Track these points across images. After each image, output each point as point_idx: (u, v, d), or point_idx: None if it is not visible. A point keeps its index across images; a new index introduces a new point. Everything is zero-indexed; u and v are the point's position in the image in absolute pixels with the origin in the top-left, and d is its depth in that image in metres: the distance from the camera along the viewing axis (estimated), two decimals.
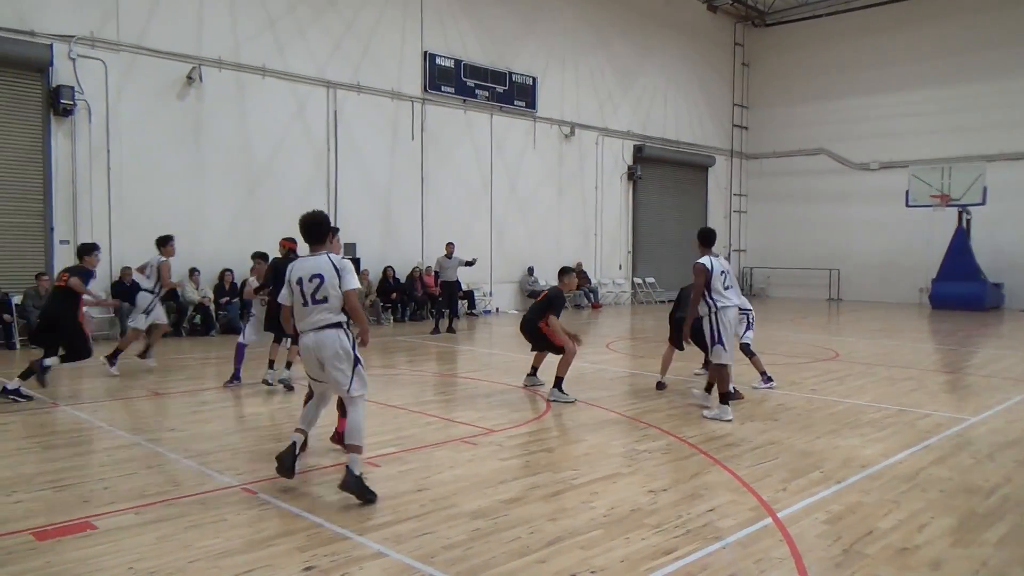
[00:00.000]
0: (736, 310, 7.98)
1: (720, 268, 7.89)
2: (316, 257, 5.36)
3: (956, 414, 8.28)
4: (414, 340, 14.59)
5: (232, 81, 15.60)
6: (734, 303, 7.91)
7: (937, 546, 4.53)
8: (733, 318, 7.89)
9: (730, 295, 7.88)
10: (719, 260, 8.02)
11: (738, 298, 8.14)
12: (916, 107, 25.15)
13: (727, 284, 7.89)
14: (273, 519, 4.84)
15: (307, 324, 5.34)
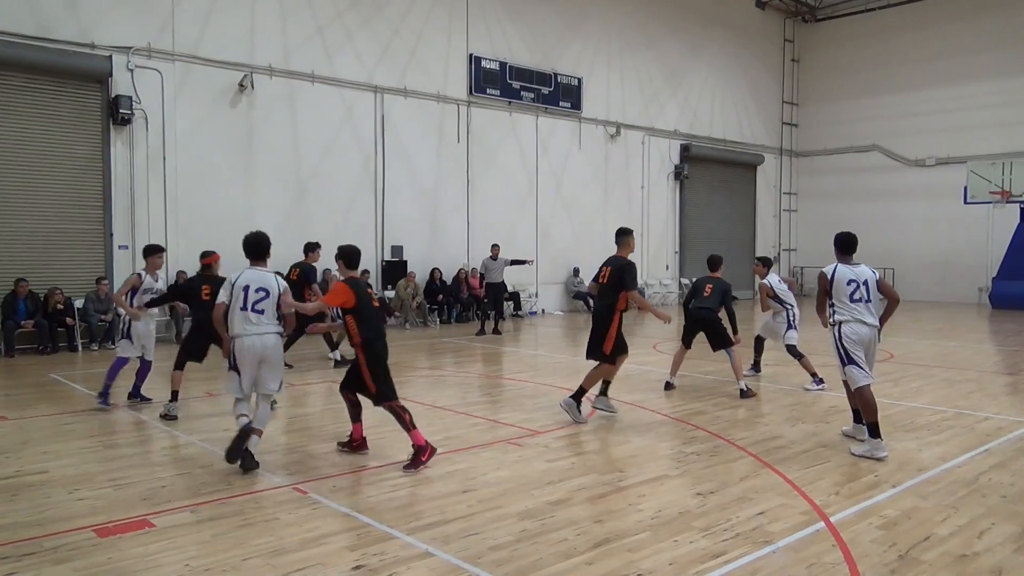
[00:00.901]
0: (862, 326, 6.56)
1: (850, 276, 6.65)
2: (264, 273, 6.25)
3: (1018, 417, 8.02)
4: (460, 342, 14.68)
5: (282, 88, 15.92)
6: (856, 318, 6.57)
7: (998, 553, 4.39)
8: (856, 334, 6.57)
9: (857, 308, 6.57)
10: (851, 268, 6.73)
11: (871, 316, 6.62)
12: (973, 101, 24.38)
13: (856, 296, 6.59)
14: (324, 518, 4.92)
15: (251, 329, 6.05)
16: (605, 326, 7.54)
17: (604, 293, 7.63)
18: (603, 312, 7.60)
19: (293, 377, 10.40)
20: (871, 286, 6.63)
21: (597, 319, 7.69)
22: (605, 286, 7.62)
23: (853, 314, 6.56)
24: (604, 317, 7.57)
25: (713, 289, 9.44)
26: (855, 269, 6.70)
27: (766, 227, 28.39)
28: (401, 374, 10.94)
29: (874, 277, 6.69)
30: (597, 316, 7.71)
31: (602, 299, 7.66)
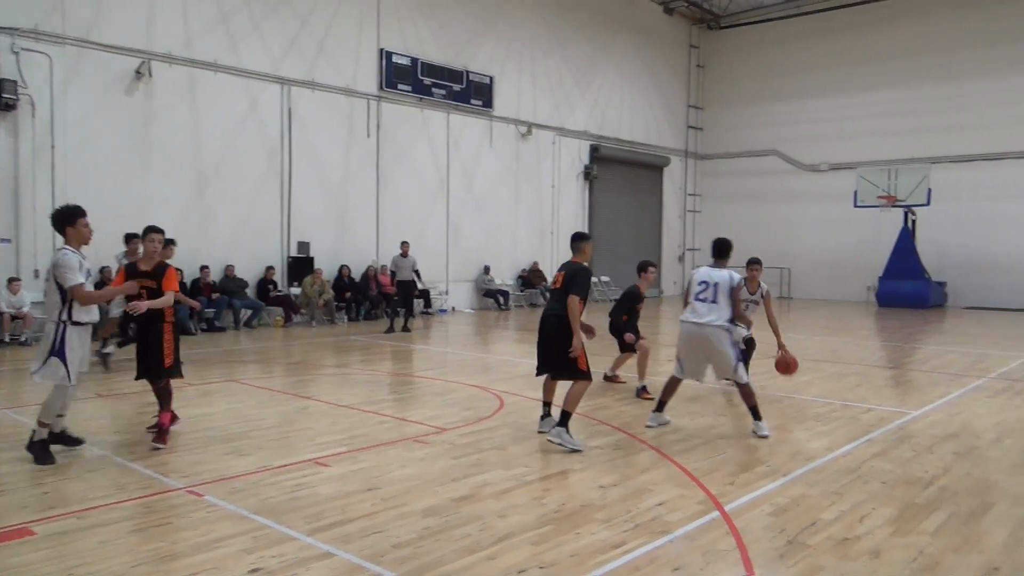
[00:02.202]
0: (687, 324, 7.14)
1: (703, 279, 7.17)
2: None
3: (898, 408, 8.52)
4: (369, 339, 14.49)
5: (183, 76, 15.31)
6: (686, 318, 7.15)
7: (877, 536, 4.65)
8: (683, 332, 7.19)
9: (696, 307, 7.08)
10: (710, 271, 7.23)
11: (706, 315, 7.03)
12: (864, 110, 25.76)
13: (701, 297, 7.08)
14: (219, 521, 4.77)
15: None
16: (567, 338, 6.56)
17: (559, 298, 6.74)
18: (558, 323, 6.65)
19: (191, 376, 10.03)
20: (722, 289, 7.06)
21: (552, 330, 6.72)
22: (559, 291, 6.78)
23: (687, 313, 7.23)
24: (562, 328, 6.60)
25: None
26: (712, 272, 7.20)
27: (672, 227, 29.21)
28: (306, 372, 10.73)
29: (729, 284, 7.06)
30: (551, 327, 6.73)
31: (558, 304, 6.74)
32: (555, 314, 6.75)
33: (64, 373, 5.92)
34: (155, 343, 6.60)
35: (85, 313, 6.08)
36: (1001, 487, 5.67)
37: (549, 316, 6.84)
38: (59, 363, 5.91)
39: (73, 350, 5.96)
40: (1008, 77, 23.08)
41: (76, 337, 6.01)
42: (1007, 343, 14.72)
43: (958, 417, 8.07)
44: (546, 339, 6.82)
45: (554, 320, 6.74)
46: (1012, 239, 23.16)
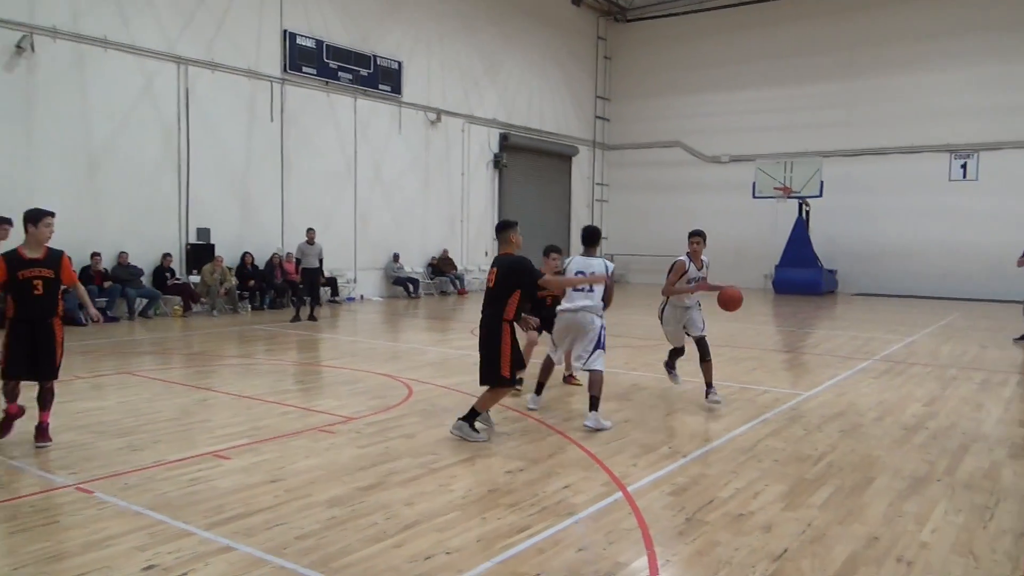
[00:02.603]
0: (564, 313, 7.19)
1: (580, 268, 7.28)
2: None
3: (791, 390, 8.94)
4: (273, 329, 14.13)
5: (70, 53, 14.43)
6: (566, 307, 7.18)
7: (769, 511, 4.87)
8: (560, 319, 7.25)
9: (573, 295, 7.15)
10: (586, 260, 7.37)
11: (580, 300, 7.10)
12: (762, 104, 26.76)
13: (580, 287, 7.14)
14: (111, 518, 4.56)
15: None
16: (496, 342, 6.26)
17: (492, 299, 6.35)
18: (491, 324, 6.31)
19: (81, 369, 9.55)
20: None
21: (485, 334, 6.39)
22: (493, 290, 6.36)
23: (564, 302, 7.25)
24: (492, 330, 6.30)
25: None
26: (588, 261, 7.35)
27: (580, 216, 29.61)
28: (207, 363, 10.37)
29: (605, 271, 7.22)
30: (484, 330, 6.40)
31: (489, 307, 6.36)
32: (484, 314, 6.36)
33: None
34: (47, 341, 6.02)
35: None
36: (882, 462, 6.03)
37: (481, 317, 6.43)
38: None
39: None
40: (895, 76, 24.40)
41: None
42: (891, 327, 15.64)
43: (844, 397, 8.53)
44: (482, 342, 6.39)
45: (483, 320, 6.34)
46: (897, 229, 24.57)
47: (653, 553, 4.18)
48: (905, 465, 5.94)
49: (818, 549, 4.27)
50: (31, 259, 5.96)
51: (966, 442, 6.68)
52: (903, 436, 6.86)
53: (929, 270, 23.95)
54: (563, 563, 4.03)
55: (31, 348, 5.97)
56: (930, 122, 23.88)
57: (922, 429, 7.13)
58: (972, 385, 9.40)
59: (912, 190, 24.24)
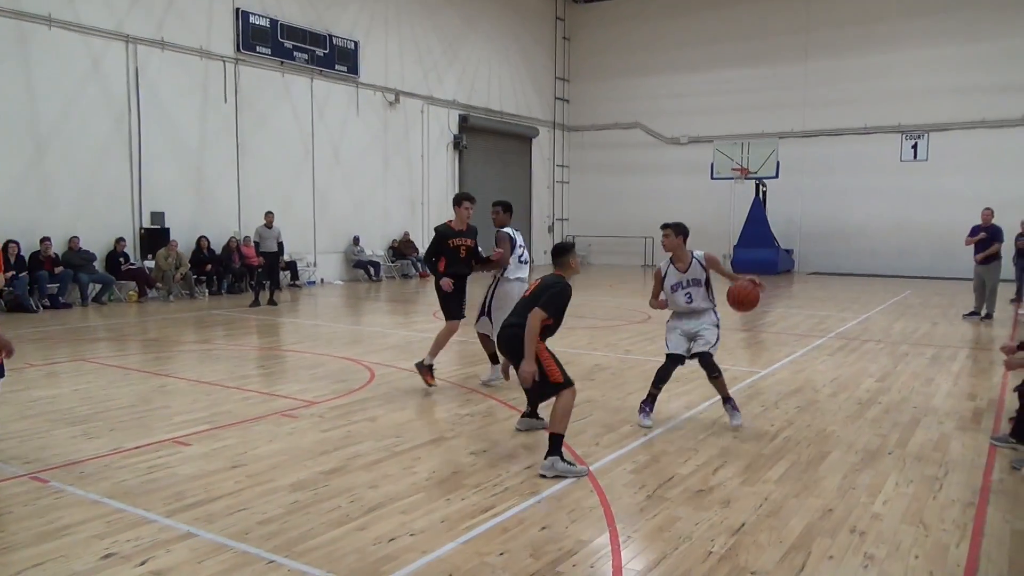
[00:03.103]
0: (506, 282, 8.07)
1: (520, 240, 8.15)
2: None
3: (749, 367, 9.09)
4: (232, 314, 13.92)
5: (11, 30, 13.94)
6: (508, 276, 8.07)
7: (728, 486, 4.97)
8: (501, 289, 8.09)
9: (517, 267, 8.13)
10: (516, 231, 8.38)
11: (520, 272, 8.16)
12: (720, 86, 26.98)
13: (524, 259, 8.19)
14: (68, 508, 4.47)
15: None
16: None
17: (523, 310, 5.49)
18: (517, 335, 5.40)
19: (33, 356, 9.32)
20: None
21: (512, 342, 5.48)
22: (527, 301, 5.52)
23: (508, 272, 7.95)
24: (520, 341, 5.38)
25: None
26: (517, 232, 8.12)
27: (541, 198, 29.64)
28: (164, 349, 10.20)
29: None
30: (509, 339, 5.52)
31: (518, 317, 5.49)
32: (512, 325, 5.54)
33: None
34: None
35: None
36: (836, 436, 6.18)
37: (507, 328, 5.64)
38: None
39: None
40: (848, 57, 24.77)
41: None
42: (845, 305, 15.98)
43: (801, 374, 8.71)
44: (514, 358, 5.51)
45: (513, 332, 5.48)
46: (851, 209, 25.06)
47: (615, 530, 4.24)
48: (859, 439, 6.10)
49: (775, 522, 4.37)
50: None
51: (917, 415, 6.88)
52: (857, 411, 7.04)
53: (882, 249, 24.50)
54: (527, 541, 4.07)
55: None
56: (882, 103, 24.33)
57: (875, 404, 7.33)
58: (923, 360, 9.67)
59: (865, 170, 24.73)
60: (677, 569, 3.77)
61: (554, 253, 5.78)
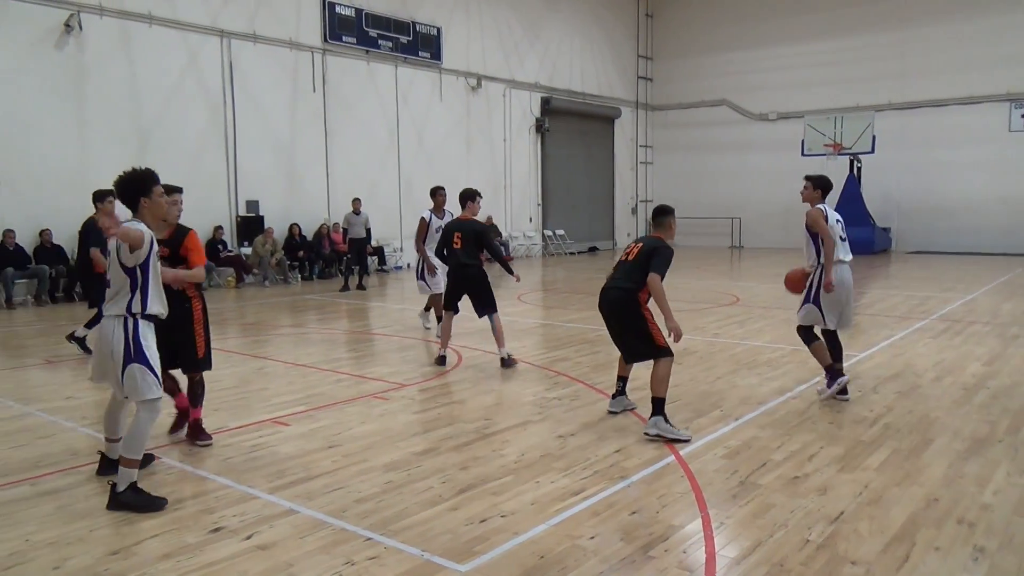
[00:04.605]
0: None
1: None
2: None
3: (846, 351, 8.76)
4: (323, 298, 14.36)
5: (116, 29, 14.67)
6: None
7: (825, 473, 4.83)
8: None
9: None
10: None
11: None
12: (811, 58, 25.96)
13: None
14: (179, 483, 4.73)
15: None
16: (641, 316, 5.68)
17: (627, 273, 5.76)
18: (629, 300, 5.70)
19: None
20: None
21: (618, 307, 5.76)
22: (630, 264, 5.78)
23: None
24: (632, 306, 5.69)
25: (463, 237, 8.13)
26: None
27: (624, 179, 29.30)
28: (261, 333, 10.61)
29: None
30: (616, 302, 5.78)
31: (625, 281, 5.74)
32: (619, 287, 5.74)
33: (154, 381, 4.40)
34: (185, 328, 5.28)
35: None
36: (941, 423, 5.91)
37: (612, 290, 5.81)
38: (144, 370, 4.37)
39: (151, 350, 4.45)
40: (952, 23, 23.43)
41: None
42: (949, 285, 15.23)
43: (901, 358, 8.36)
44: (615, 319, 5.81)
45: (619, 295, 5.73)
46: (954, 184, 23.79)
47: (707, 516, 4.18)
48: (965, 426, 5.82)
49: (875, 511, 4.23)
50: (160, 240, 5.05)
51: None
52: (963, 396, 6.72)
53: (988, 225, 23.19)
54: (617, 526, 4.07)
55: (168, 335, 5.02)
56: (989, 70, 22.92)
57: (983, 389, 6.97)
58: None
59: (970, 142, 23.40)
60: (773, 557, 3.70)
61: (655, 214, 6.00)
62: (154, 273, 4.45)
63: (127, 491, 4.30)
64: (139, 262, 4.38)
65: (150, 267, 4.42)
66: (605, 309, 5.88)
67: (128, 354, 4.31)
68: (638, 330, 5.69)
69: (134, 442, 4.31)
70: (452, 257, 8.18)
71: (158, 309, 4.47)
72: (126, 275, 4.37)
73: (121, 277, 4.38)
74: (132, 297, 4.36)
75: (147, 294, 4.39)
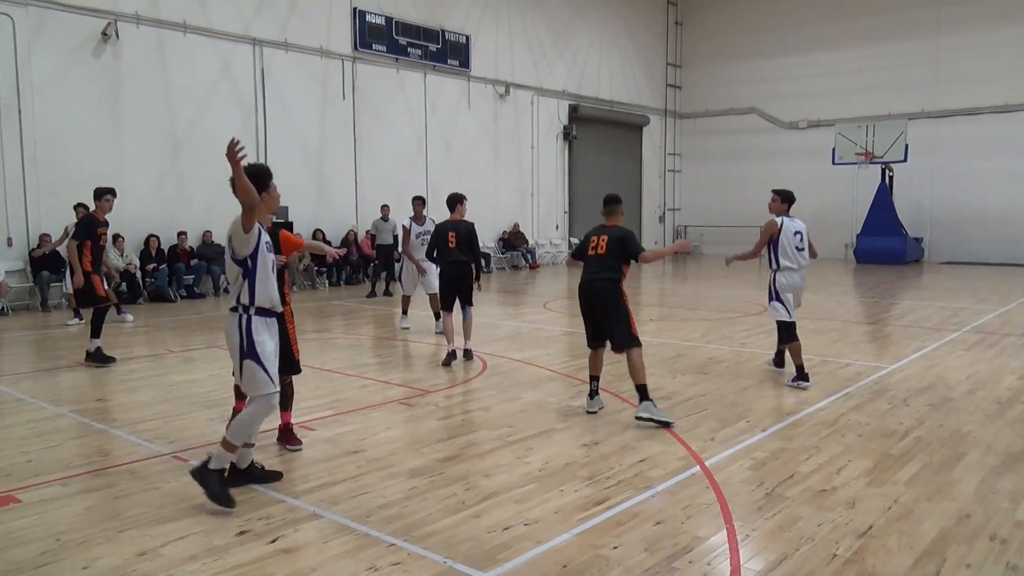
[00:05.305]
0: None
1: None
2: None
3: (875, 363, 8.66)
4: (350, 304, 14.46)
5: (151, 38, 14.95)
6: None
7: (853, 487, 4.76)
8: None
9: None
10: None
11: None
12: (842, 66, 25.70)
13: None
14: None
15: None
16: (625, 305, 6.28)
17: (608, 264, 6.31)
18: (614, 290, 6.26)
19: (173, 343, 10.00)
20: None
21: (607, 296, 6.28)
22: (605, 257, 6.32)
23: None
24: (616, 296, 6.26)
25: (457, 236, 8.64)
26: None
27: (652, 187, 29.19)
28: None
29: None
30: (604, 293, 6.29)
31: (607, 272, 6.28)
32: (606, 279, 6.24)
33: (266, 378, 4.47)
34: (282, 330, 5.00)
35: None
36: (973, 437, 5.80)
37: (596, 281, 6.28)
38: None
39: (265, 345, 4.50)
40: (985, 31, 23.08)
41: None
42: (983, 297, 14.96)
43: (933, 370, 8.22)
44: (600, 307, 6.29)
45: (604, 285, 6.24)
46: (988, 194, 23.39)
47: (732, 528, 4.14)
48: (999, 440, 5.71)
49: (905, 526, 4.16)
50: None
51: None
52: (997, 410, 6.59)
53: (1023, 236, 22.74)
54: (641, 536, 4.04)
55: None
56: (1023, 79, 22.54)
57: (1018, 403, 6.83)
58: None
59: (1005, 152, 23.00)
60: (799, 571, 3.65)
61: (611, 202, 6.62)
62: (263, 265, 4.49)
63: (215, 472, 4.37)
64: (248, 252, 4.43)
65: (259, 259, 4.47)
66: (594, 300, 6.36)
67: (242, 349, 4.44)
68: (624, 317, 6.26)
69: (240, 429, 4.45)
70: (446, 255, 8.70)
71: (269, 303, 4.51)
72: (237, 266, 4.47)
73: (234, 269, 4.49)
74: (241, 289, 4.46)
75: (254, 286, 4.45)
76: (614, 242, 6.34)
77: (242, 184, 4.24)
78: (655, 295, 17.20)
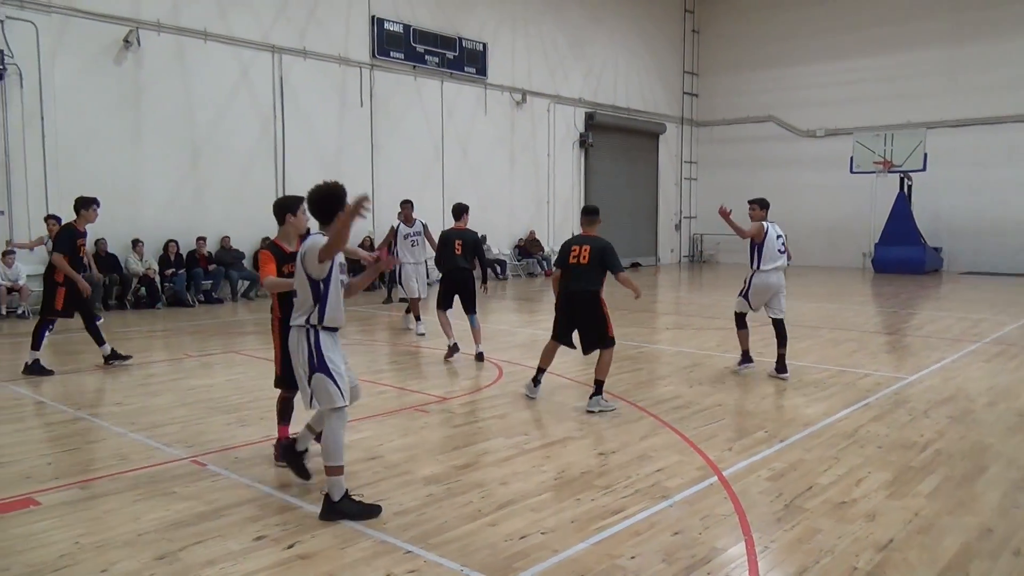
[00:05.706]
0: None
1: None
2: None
3: (895, 373, 8.58)
4: (366, 310, 14.50)
5: (172, 45, 15.10)
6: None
7: (873, 499, 4.71)
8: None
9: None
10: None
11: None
12: (860, 75, 25.54)
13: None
14: (223, 490, 4.81)
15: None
16: (603, 310, 6.87)
17: (589, 276, 6.83)
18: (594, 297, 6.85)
19: (191, 348, 10.06)
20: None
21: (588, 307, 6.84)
22: (587, 267, 6.83)
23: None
24: (596, 302, 6.85)
25: (463, 244, 9.20)
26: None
27: (668, 195, 29.11)
28: None
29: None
30: (585, 303, 6.84)
31: (586, 282, 6.83)
32: (588, 290, 6.83)
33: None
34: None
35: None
36: (995, 450, 5.73)
37: (581, 293, 6.84)
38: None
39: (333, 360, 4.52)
40: (1005, 40, 22.87)
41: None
42: (1003, 308, 14.79)
43: (953, 381, 8.13)
44: (581, 316, 6.90)
45: (588, 297, 6.83)
46: (1008, 203, 23.13)
47: (751, 539, 4.11)
48: (1021, 454, 5.63)
49: (926, 540, 4.11)
50: (292, 253, 5.19)
51: None
52: (1018, 423, 6.50)
53: None
54: (658, 546, 4.01)
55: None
56: None
57: None
58: None
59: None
60: None
61: (590, 212, 7.23)
62: (335, 289, 4.55)
63: (344, 500, 4.37)
64: (323, 276, 4.50)
65: (331, 283, 4.53)
66: (576, 311, 6.89)
67: (312, 364, 4.46)
68: (601, 325, 6.81)
69: (331, 450, 4.41)
70: (451, 261, 9.12)
71: (338, 321, 4.57)
72: (310, 287, 4.50)
73: (305, 288, 4.51)
74: (312, 311, 4.48)
75: (324, 309, 4.49)
76: (596, 252, 6.83)
77: (345, 236, 4.42)
78: (671, 303, 17.14)
